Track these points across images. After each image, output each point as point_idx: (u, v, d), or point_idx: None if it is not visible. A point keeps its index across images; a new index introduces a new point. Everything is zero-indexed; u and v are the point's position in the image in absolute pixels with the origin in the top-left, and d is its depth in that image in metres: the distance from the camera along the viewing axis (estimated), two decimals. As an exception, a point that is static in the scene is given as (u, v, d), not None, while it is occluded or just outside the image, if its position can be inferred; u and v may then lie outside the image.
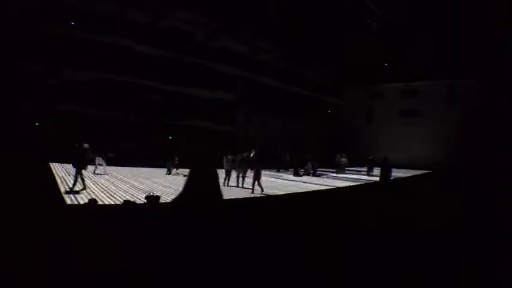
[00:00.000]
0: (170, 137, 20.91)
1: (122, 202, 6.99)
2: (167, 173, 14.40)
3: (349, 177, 18.44)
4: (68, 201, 7.07)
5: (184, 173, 14.40)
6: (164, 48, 20.44)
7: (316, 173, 18.65)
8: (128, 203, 6.80)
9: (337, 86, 35.04)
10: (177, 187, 10.63)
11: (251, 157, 11.04)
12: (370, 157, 20.70)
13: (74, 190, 8.27)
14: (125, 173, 13.56)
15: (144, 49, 19.74)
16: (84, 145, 8.69)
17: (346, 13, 22.16)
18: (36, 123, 16.19)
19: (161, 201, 7.31)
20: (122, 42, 18.77)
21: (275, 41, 24.86)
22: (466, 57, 24.92)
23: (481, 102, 26.42)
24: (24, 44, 15.12)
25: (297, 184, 14.00)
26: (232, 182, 11.95)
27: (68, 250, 3.73)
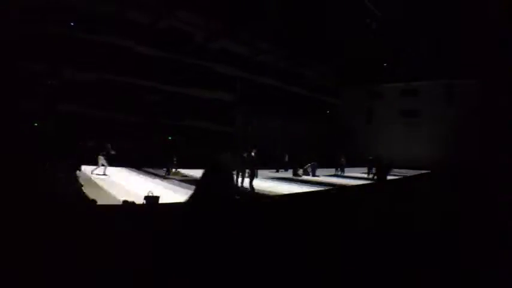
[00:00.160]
0: (169, 137, 20.91)
1: (121, 202, 6.99)
2: (166, 173, 14.40)
3: (346, 178, 18.43)
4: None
5: (183, 173, 14.40)
6: (163, 48, 20.44)
7: (316, 174, 18.66)
8: (127, 204, 6.80)
9: (336, 86, 35.07)
10: (176, 187, 10.64)
11: (250, 157, 11.04)
12: (370, 157, 20.67)
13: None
14: (124, 173, 13.57)
15: (144, 50, 19.73)
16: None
17: (345, 13, 22.16)
18: (36, 124, 16.18)
19: (160, 202, 7.32)
20: (122, 42, 18.76)
21: (274, 41, 24.88)
22: (465, 57, 24.95)
23: (481, 102, 26.44)
24: (23, 44, 15.11)
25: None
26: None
27: (67, 250, 3.73)
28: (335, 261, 4.10)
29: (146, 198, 7.19)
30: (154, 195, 7.37)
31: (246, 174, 11.98)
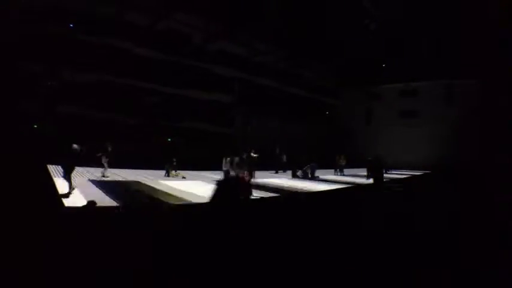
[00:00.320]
0: (169, 139, 20.89)
1: (121, 204, 6.98)
2: (166, 175, 14.39)
3: (343, 179, 18.33)
4: (66, 203, 7.05)
5: (182, 175, 14.39)
6: (162, 50, 20.46)
7: (315, 175, 18.62)
8: (127, 205, 6.80)
9: (335, 87, 35.06)
10: (176, 189, 10.62)
11: (248, 158, 11.07)
12: (369, 158, 20.59)
13: (70, 192, 8.23)
14: (123, 175, 13.54)
15: (142, 51, 19.75)
16: (73, 146, 8.57)
17: (344, 14, 22.16)
18: (35, 125, 16.15)
19: (159, 204, 7.32)
20: (121, 44, 18.79)
21: (273, 42, 24.88)
22: (465, 57, 24.99)
23: (480, 102, 26.48)
24: (23, 44, 15.11)
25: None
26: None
27: (66, 252, 3.73)
28: (337, 261, 4.10)
29: (145, 200, 7.19)
30: (153, 197, 7.36)
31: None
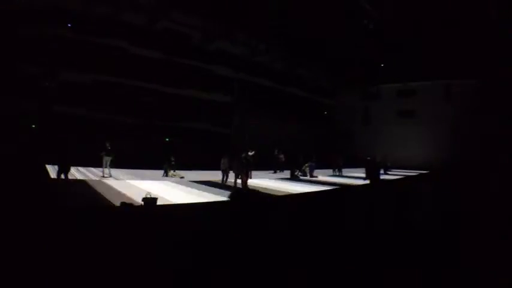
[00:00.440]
0: (167, 139, 20.86)
1: (119, 204, 7.00)
2: (164, 175, 14.39)
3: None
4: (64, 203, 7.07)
5: (180, 175, 14.38)
6: (160, 50, 20.47)
7: (313, 175, 18.65)
8: (125, 205, 6.82)
9: (333, 87, 35.11)
10: (174, 189, 10.64)
11: (246, 158, 11.07)
12: (368, 158, 20.55)
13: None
14: (122, 175, 13.55)
15: (141, 51, 19.74)
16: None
17: (342, 14, 22.22)
18: (33, 125, 16.13)
19: (158, 203, 7.34)
20: (119, 44, 18.78)
21: (272, 43, 24.93)
22: (463, 56, 25.03)
23: (479, 102, 26.58)
24: (20, 45, 15.09)
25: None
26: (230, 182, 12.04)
27: (64, 252, 3.76)
28: (333, 260, 4.15)
29: (144, 199, 7.21)
30: (152, 196, 7.39)
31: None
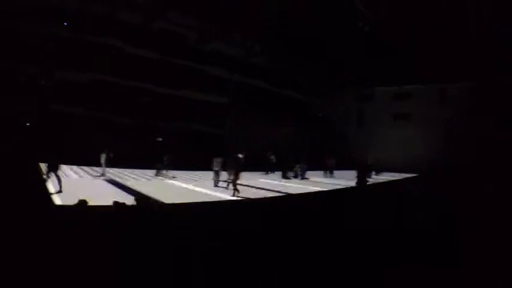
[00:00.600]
0: (160, 139, 20.84)
1: (112, 203, 7.04)
2: (157, 175, 14.45)
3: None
4: (57, 202, 7.11)
5: (172, 175, 14.44)
6: (156, 50, 20.48)
7: (305, 176, 18.77)
8: (118, 204, 6.87)
9: (328, 88, 35.20)
10: (166, 189, 10.70)
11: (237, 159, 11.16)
12: (360, 161, 20.55)
13: (60, 190, 8.34)
14: (116, 174, 13.59)
15: (136, 51, 19.74)
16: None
17: (338, 16, 22.22)
18: (28, 124, 16.06)
19: (150, 202, 7.42)
20: (114, 43, 18.77)
21: (267, 44, 24.99)
22: (458, 60, 25.17)
23: (473, 105, 26.77)
24: (17, 44, 15.01)
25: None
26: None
27: (57, 251, 3.80)
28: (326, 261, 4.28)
29: (136, 199, 7.28)
30: (145, 196, 7.47)
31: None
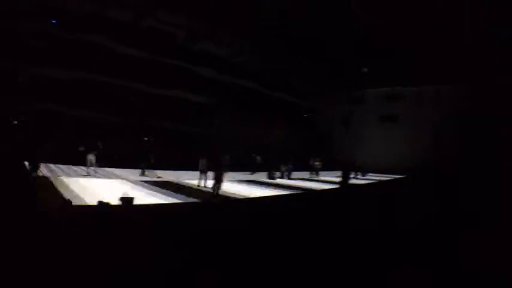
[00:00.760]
0: (145, 138, 20.78)
1: (97, 203, 7.16)
2: (141, 174, 14.48)
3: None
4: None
5: (158, 175, 14.49)
6: (144, 49, 20.47)
7: (291, 177, 19.04)
8: (102, 204, 7.00)
9: (316, 89, 35.36)
10: (151, 189, 10.80)
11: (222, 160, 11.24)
12: (346, 163, 20.71)
13: None
14: (102, 173, 13.60)
15: (124, 50, 19.72)
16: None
17: (328, 18, 22.33)
18: (15, 122, 15.94)
19: (135, 203, 7.55)
20: (102, 42, 18.72)
21: (255, 45, 25.08)
22: (450, 62, 25.53)
23: (465, 107, 27.24)
24: (4, 41, 14.87)
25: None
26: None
27: (41, 250, 3.89)
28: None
29: (121, 199, 7.42)
30: (129, 196, 7.60)
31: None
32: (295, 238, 5.78)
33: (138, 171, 14.79)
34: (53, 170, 13.38)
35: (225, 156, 10.96)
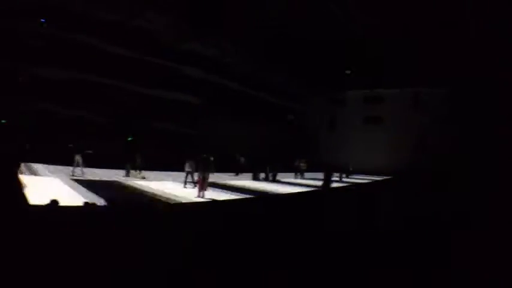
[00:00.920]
0: (130, 138, 20.67)
1: (83, 203, 7.30)
2: (126, 175, 14.53)
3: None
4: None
5: (142, 175, 14.56)
6: (131, 48, 20.46)
7: (276, 178, 19.25)
8: (88, 205, 7.17)
9: (300, 91, 35.59)
10: (136, 189, 10.91)
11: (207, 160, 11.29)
12: (330, 163, 20.87)
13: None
14: (89, 174, 13.59)
15: (111, 49, 19.67)
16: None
17: (311, 20, 22.57)
18: (3, 121, 15.80)
19: (119, 203, 7.72)
20: (90, 41, 18.65)
21: (241, 46, 25.17)
22: (432, 65, 26.00)
23: (446, 110, 27.90)
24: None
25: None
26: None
27: (28, 250, 3.88)
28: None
29: (107, 200, 7.57)
30: (114, 197, 7.76)
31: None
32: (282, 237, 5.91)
33: (123, 172, 14.85)
34: (33, 169, 13.34)
35: (210, 157, 11.10)
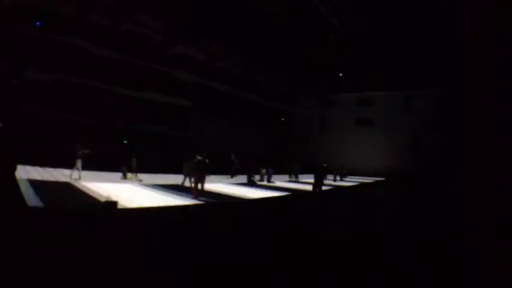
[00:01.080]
0: (125, 141, 20.60)
1: (81, 206, 7.21)
2: (122, 178, 14.43)
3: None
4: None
5: (139, 178, 14.47)
6: (122, 51, 20.31)
7: (271, 180, 19.26)
8: (86, 207, 7.08)
9: (291, 94, 35.87)
10: (132, 192, 10.80)
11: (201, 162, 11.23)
12: (323, 165, 20.98)
13: None
14: (83, 177, 13.38)
15: (102, 52, 19.49)
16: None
17: (303, 23, 22.78)
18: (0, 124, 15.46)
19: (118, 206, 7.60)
20: (80, 44, 18.44)
21: (232, 49, 25.25)
22: (422, 67, 26.44)
23: (436, 112, 28.38)
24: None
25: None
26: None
27: (25, 253, 3.89)
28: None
29: (105, 203, 7.47)
30: (112, 200, 7.66)
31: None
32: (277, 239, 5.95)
33: (120, 175, 14.75)
34: (29, 171, 13.11)
35: (205, 159, 11.06)
